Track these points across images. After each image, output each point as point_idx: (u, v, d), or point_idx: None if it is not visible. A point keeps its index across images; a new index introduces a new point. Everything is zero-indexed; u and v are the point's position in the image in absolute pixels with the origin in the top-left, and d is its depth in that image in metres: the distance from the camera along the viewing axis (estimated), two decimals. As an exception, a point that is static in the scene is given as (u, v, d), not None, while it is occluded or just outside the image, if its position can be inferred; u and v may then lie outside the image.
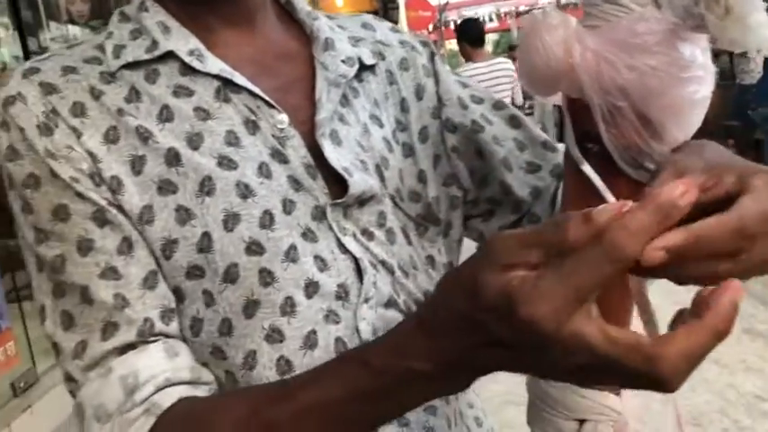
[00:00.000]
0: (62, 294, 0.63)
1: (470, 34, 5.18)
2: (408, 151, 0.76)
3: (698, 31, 0.52)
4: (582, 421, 0.61)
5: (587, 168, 0.58)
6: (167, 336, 0.63)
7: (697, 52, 0.54)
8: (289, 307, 0.64)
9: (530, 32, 0.55)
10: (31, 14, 3.06)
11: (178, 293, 0.65)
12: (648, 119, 0.54)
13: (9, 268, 2.18)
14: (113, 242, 0.63)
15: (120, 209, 0.63)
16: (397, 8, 15.66)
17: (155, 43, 0.67)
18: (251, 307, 0.64)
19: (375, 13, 14.65)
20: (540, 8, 0.59)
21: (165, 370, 0.61)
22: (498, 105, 0.82)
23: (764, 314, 3.71)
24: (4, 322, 2.08)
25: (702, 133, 0.56)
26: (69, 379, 0.64)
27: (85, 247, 0.62)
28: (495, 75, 5.02)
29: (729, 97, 7.16)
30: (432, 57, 0.82)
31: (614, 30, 0.52)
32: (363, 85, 0.76)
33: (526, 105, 7.05)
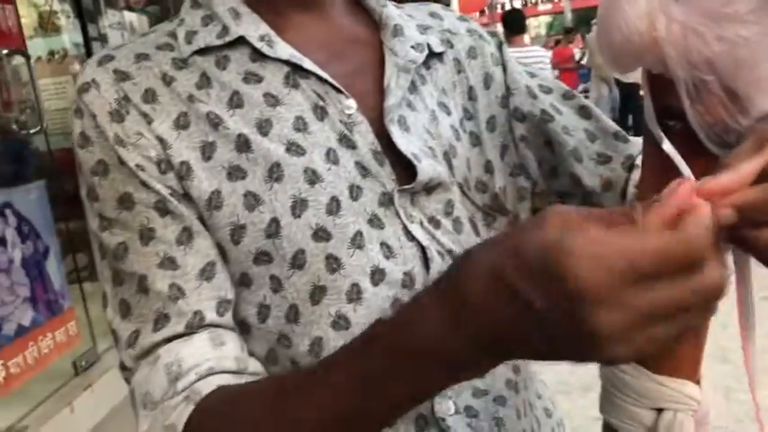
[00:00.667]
0: (121, 282, 0.65)
1: (514, 24, 5.85)
2: (475, 140, 0.76)
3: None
4: (660, 410, 0.58)
5: (668, 147, 0.55)
6: (218, 326, 0.64)
7: (791, 20, 0.50)
8: (355, 294, 0.64)
9: (609, 5, 0.52)
10: (90, 1, 3.11)
11: (245, 279, 0.65)
12: (736, 93, 0.51)
13: (70, 249, 2.24)
14: (174, 232, 0.64)
15: (185, 197, 0.64)
16: (450, -9, 15.48)
17: (225, 29, 0.68)
18: (317, 293, 0.64)
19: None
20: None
21: (209, 359, 0.61)
22: (568, 95, 0.81)
23: None
24: (66, 302, 2.14)
25: None
26: (123, 367, 0.66)
27: (147, 236, 0.63)
28: (531, 61, 5.27)
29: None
30: (500, 46, 0.82)
31: (703, -1, 0.49)
32: (431, 73, 0.75)
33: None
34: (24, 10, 2.93)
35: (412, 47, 0.73)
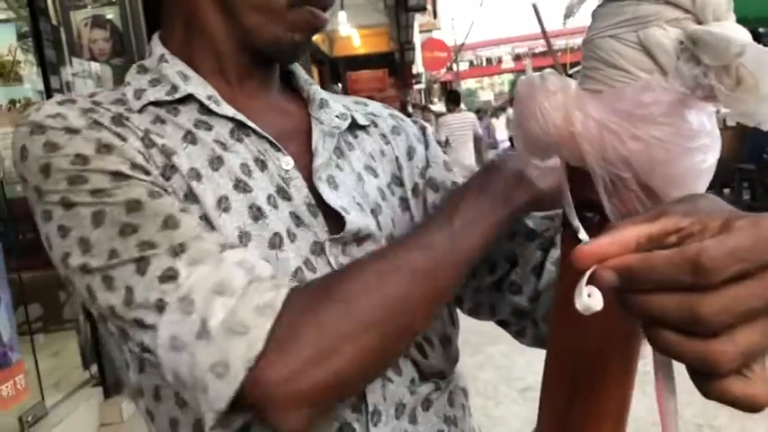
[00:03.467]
0: (133, 231, 0.61)
1: (452, 99, 9.49)
2: (405, 205, 0.81)
3: (708, 101, 0.49)
4: None
5: (585, 238, 0.55)
6: None
7: (704, 119, 0.50)
8: None
9: (527, 97, 0.52)
10: (54, 53, 3.13)
11: None
12: (653, 189, 0.51)
13: (22, 300, 2.19)
14: (173, 202, 0.64)
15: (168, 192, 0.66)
16: (414, 49, 15.81)
17: (174, 87, 0.73)
18: None
19: (392, 54, 14.78)
20: (544, 70, 0.56)
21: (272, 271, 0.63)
22: None
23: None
24: (15, 354, 2.07)
25: (716, 176, 0.53)
26: (166, 279, 0.59)
27: (156, 193, 0.63)
28: (464, 122, 8.86)
29: (743, 140, 7.05)
30: (423, 129, 0.90)
31: (618, 98, 0.49)
32: (359, 141, 0.82)
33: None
34: (-13, 59, 2.92)
35: (336, 116, 0.80)
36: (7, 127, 2.92)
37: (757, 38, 5.99)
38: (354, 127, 0.82)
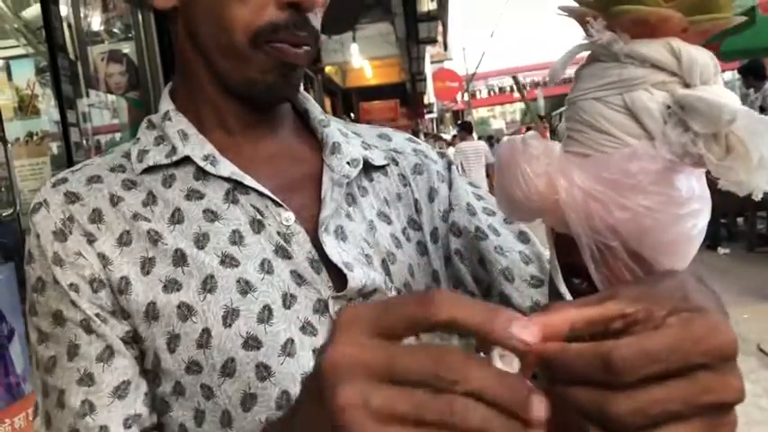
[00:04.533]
0: (47, 395, 0.69)
1: (465, 128, 11.27)
2: (423, 249, 0.80)
3: (696, 167, 0.46)
4: None
5: None
6: None
7: (694, 184, 0.48)
8: (284, 401, 0.65)
9: (509, 161, 0.50)
10: (71, 87, 3.18)
11: (179, 388, 0.67)
12: (642, 256, 0.48)
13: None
14: (96, 349, 0.67)
15: (114, 314, 0.67)
16: (425, 79, 15.90)
17: (174, 149, 0.73)
18: (248, 401, 0.66)
19: (403, 84, 14.87)
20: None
21: None
22: (509, 221, 0.83)
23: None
24: (28, 386, 2.07)
25: (729, 206, 0.50)
26: None
27: (73, 352, 0.67)
28: (477, 149, 10.00)
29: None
30: (449, 166, 0.86)
31: (604, 166, 0.47)
32: (374, 185, 0.80)
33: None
34: (7, 92, 2.96)
35: (347, 162, 0.76)
36: (24, 159, 2.96)
37: (760, 73, 5.97)
38: (370, 169, 0.80)
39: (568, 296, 0.53)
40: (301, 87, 0.81)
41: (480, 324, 0.35)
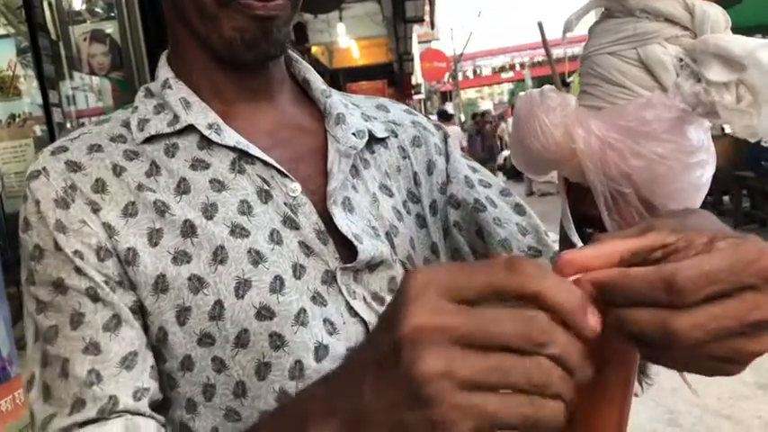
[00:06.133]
0: (47, 365, 0.66)
1: (443, 116, 11.71)
2: (422, 222, 0.79)
3: (708, 117, 0.49)
4: None
5: None
6: (135, 413, 0.64)
7: (702, 135, 0.50)
8: (297, 371, 0.65)
9: (526, 114, 0.52)
10: (53, 68, 3.14)
11: (187, 362, 0.67)
12: (652, 203, 0.51)
13: (21, 315, 2.18)
14: (103, 318, 0.65)
15: (122, 284, 0.66)
16: (413, 60, 15.85)
17: (176, 117, 0.71)
18: (263, 369, 0.65)
19: (391, 65, 14.83)
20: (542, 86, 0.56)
21: None
22: (505, 192, 0.83)
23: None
24: (14, 369, 2.06)
25: (715, 184, 0.53)
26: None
27: (77, 320, 0.65)
28: (455, 134, 9.32)
29: (742, 147, 7.03)
30: (445, 138, 0.85)
31: (620, 115, 0.49)
32: (375, 157, 0.79)
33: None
34: (-13, 74, 2.93)
35: (353, 134, 0.75)
36: (7, 141, 2.93)
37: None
38: (372, 141, 0.78)
39: (580, 245, 0.56)
40: (305, 60, 0.80)
41: (565, 306, 0.36)
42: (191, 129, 0.71)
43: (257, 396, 0.66)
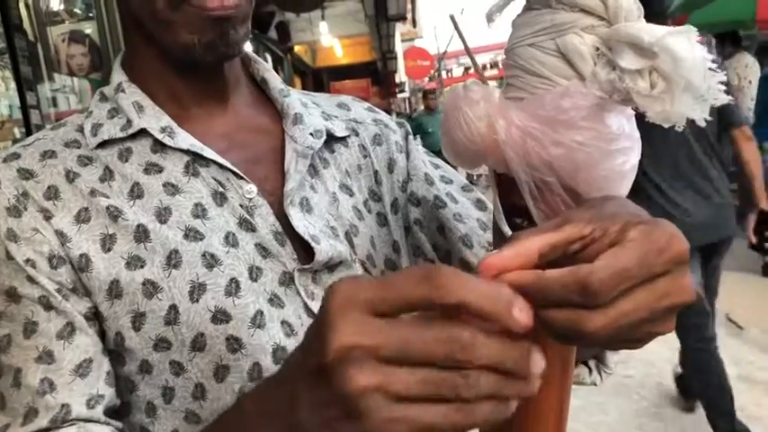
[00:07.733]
0: (1, 375, 0.65)
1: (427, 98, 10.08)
2: (383, 221, 0.79)
3: (624, 104, 0.50)
4: None
5: None
6: (88, 420, 0.64)
7: (623, 122, 0.51)
8: (256, 372, 0.65)
9: (452, 107, 0.53)
10: (30, 69, 3.12)
11: (146, 366, 0.66)
12: (576, 191, 0.51)
13: None
14: (56, 326, 0.64)
15: (75, 291, 0.65)
16: (396, 58, 15.86)
17: (129, 122, 0.71)
18: (221, 372, 0.65)
19: (374, 63, 14.83)
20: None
21: None
22: (467, 188, 0.84)
23: (763, 361, 3.63)
24: None
25: None
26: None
27: (30, 329, 0.64)
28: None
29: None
30: (406, 136, 0.85)
31: (539, 105, 0.50)
32: (335, 156, 0.79)
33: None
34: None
35: (311, 134, 0.75)
36: (-14, 143, 2.90)
37: (738, 40, 6.03)
38: (331, 140, 0.78)
39: (510, 234, 0.56)
40: (265, 60, 0.82)
41: (487, 309, 0.36)
42: (144, 133, 0.70)
43: (217, 398, 0.66)
